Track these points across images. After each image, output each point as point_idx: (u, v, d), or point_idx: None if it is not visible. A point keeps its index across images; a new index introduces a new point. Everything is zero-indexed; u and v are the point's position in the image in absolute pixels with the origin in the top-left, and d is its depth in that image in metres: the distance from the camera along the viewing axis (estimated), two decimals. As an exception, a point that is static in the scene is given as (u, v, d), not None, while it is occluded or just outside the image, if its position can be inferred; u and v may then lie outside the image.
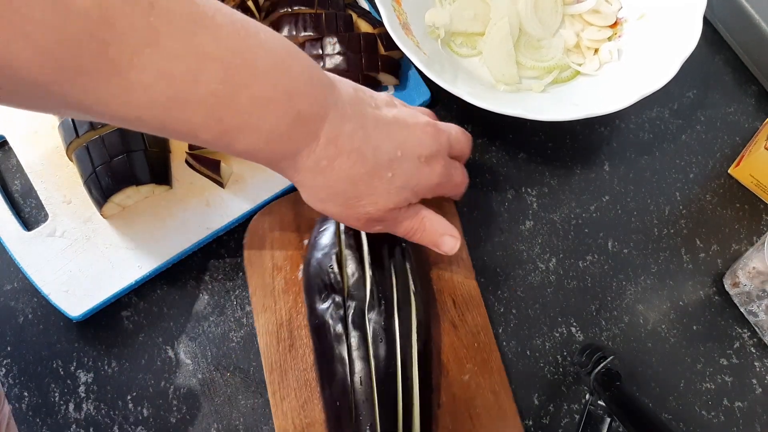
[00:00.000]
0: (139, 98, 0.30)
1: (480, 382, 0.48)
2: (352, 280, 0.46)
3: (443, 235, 0.44)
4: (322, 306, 0.45)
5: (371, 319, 0.44)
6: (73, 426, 0.48)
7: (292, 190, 0.53)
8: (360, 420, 0.42)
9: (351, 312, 0.44)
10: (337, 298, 0.45)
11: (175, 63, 0.30)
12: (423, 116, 0.44)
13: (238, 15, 0.33)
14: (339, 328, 0.44)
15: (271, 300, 0.49)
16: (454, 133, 0.46)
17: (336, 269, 0.46)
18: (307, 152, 0.36)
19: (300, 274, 0.49)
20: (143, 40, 0.29)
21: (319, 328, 0.46)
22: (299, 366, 0.47)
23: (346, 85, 0.40)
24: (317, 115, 0.36)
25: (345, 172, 0.38)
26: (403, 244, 0.48)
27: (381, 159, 0.39)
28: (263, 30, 0.34)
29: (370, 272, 0.46)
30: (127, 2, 0.28)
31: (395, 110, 0.42)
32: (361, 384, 0.43)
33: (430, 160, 0.42)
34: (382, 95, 0.43)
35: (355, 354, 0.44)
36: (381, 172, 0.39)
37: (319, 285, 0.46)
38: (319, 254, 0.47)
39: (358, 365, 0.43)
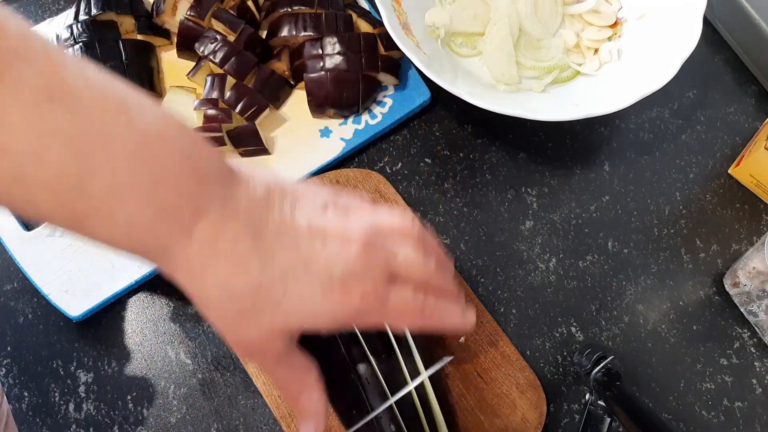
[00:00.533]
0: None
1: (476, 339, 0.49)
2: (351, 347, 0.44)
3: (307, 417, 0.37)
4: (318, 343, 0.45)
5: (373, 361, 0.44)
6: (73, 426, 0.48)
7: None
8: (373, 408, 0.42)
9: (351, 349, 0.43)
10: (348, 361, 0.43)
11: (18, 138, 0.27)
12: (361, 229, 0.35)
13: (118, 91, 0.29)
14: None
15: None
16: (403, 255, 0.37)
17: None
18: (179, 250, 0.31)
19: None
20: None
21: (318, 350, 0.45)
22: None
23: (259, 182, 0.34)
24: (190, 209, 0.31)
25: (221, 282, 0.31)
26: None
27: (272, 273, 0.32)
28: (143, 109, 0.30)
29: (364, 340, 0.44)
30: None
31: (323, 217, 0.35)
32: (369, 382, 0.43)
33: (345, 279, 0.34)
34: (325, 196, 0.36)
35: (357, 357, 0.43)
36: (269, 289, 0.32)
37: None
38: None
39: (362, 368, 0.43)
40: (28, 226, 0.52)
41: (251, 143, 0.53)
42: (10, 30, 0.27)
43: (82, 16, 0.56)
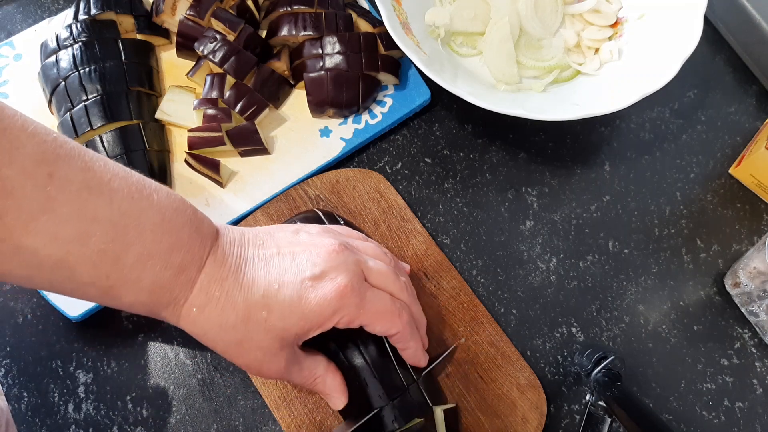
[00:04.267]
0: (30, 259, 0.32)
1: (476, 339, 0.49)
2: (347, 343, 0.44)
3: (331, 396, 0.43)
4: (320, 346, 0.45)
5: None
6: (73, 426, 0.48)
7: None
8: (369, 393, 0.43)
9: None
10: (344, 360, 0.44)
11: (67, 226, 0.32)
12: (330, 240, 0.40)
13: (135, 177, 0.35)
14: (342, 362, 0.44)
15: None
16: (374, 263, 0.42)
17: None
18: (183, 301, 0.37)
19: None
20: (40, 208, 0.31)
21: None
22: (302, 390, 0.47)
23: (235, 230, 0.40)
24: (196, 265, 0.37)
25: (215, 321, 0.37)
26: None
27: (253, 298, 0.37)
28: (156, 190, 0.36)
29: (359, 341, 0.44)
30: (26, 174, 0.31)
31: (294, 239, 0.40)
32: (363, 371, 0.43)
33: (318, 279, 0.38)
34: (298, 227, 0.42)
35: (350, 354, 0.43)
36: (255, 313, 0.37)
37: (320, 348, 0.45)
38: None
39: (358, 360, 0.43)
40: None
41: (251, 143, 0.53)
42: (47, 133, 0.32)
43: (82, 16, 0.56)
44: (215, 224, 0.39)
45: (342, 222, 0.50)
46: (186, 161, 0.53)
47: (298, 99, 0.57)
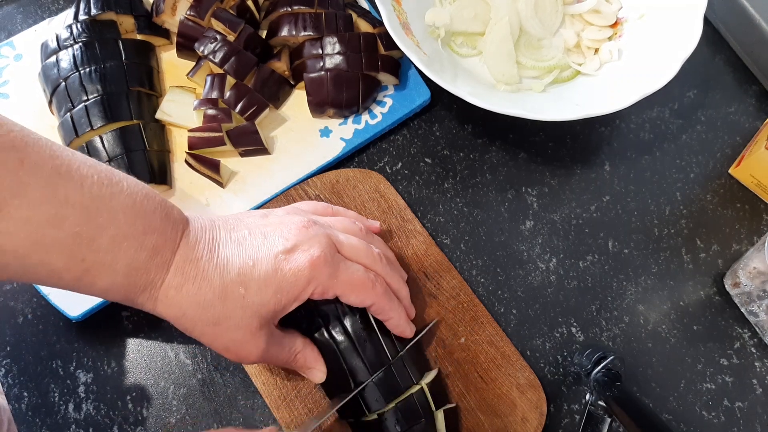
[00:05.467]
0: (4, 244, 0.33)
1: (476, 339, 0.49)
2: (329, 317, 0.45)
3: (312, 369, 0.44)
4: (302, 327, 0.45)
5: (349, 325, 0.44)
6: (73, 426, 0.48)
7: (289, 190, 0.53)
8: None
9: (330, 324, 0.44)
10: (326, 336, 0.44)
11: (39, 210, 0.33)
12: (299, 217, 0.42)
13: (104, 167, 0.37)
14: (325, 340, 0.44)
15: None
16: (345, 237, 0.43)
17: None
18: (160, 283, 0.37)
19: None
20: (11, 193, 0.32)
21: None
22: (303, 390, 0.47)
23: (203, 218, 0.41)
24: (169, 247, 0.38)
25: (193, 299, 0.38)
26: None
27: (229, 276, 0.38)
28: (125, 178, 0.37)
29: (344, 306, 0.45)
30: None
31: (264, 221, 0.42)
32: (360, 372, 0.43)
33: (291, 251, 0.39)
34: (257, 213, 0.43)
35: (347, 356, 0.44)
36: (232, 290, 0.38)
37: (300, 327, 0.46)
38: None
39: (356, 362, 0.44)
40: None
41: (251, 143, 0.53)
42: (14, 124, 0.33)
43: (82, 16, 0.56)
44: (183, 212, 0.40)
45: None
46: (186, 161, 0.53)
47: (298, 99, 0.57)
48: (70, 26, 0.55)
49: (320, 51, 0.55)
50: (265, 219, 0.42)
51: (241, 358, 0.40)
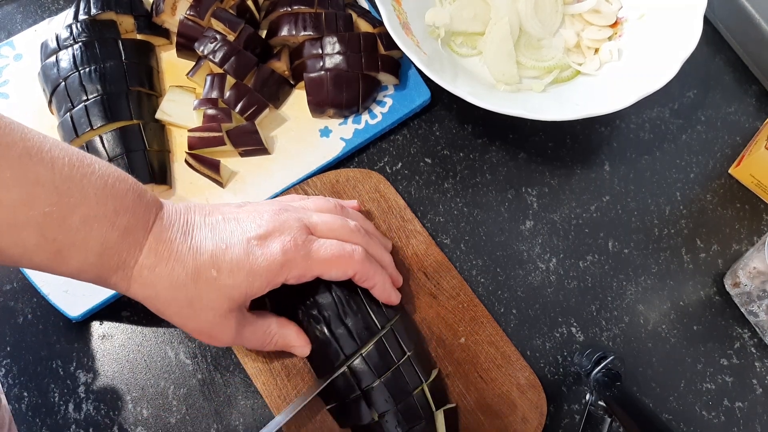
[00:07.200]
0: None
1: (476, 339, 0.49)
2: (316, 292, 0.45)
3: (295, 347, 0.44)
4: (302, 324, 0.45)
5: (349, 324, 0.44)
6: (73, 426, 0.48)
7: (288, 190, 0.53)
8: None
9: (331, 322, 0.44)
10: (314, 312, 0.45)
11: (11, 191, 0.33)
12: (271, 204, 0.43)
13: (75, 150, 0.37)
14: (325, 338, 0.44)
15: None
16: (318, 216, 0.44)
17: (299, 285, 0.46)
18: (134, 263, 0.38)
19: (267, 301, 0.48)
20: None
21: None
22: (303, 390, 0.47)
23: (177, 204, 0.42)
24: (141, 227, 0.38)
25: (166, 279, 0.38)
26: None
27: (202, 258, 0.39)
28: (97, 161, 0.37)
29: (335, 286, 0.45)
30: None
31: (238, 210, 0.42)
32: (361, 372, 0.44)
33: (264, 238, 0.40)
34: (233, 203, 0.44)
35: (348, 354, 0.44)
36: (204, 272, 0.38)
37: (288, 306, 0.46)
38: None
39: (356, 361, 0.44)
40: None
41: (251, 143, 0.53)
42: None
43: (82, 16, 0.56)
44: (153, 194, 0.41)
45: None
46: (186, 161, 0.53)
47: (298, 99, 0.57)
48: (70, 26, 0.55)
49: (320, 51, 0.55)
50: (240, 207, 0.43)
51: (214, 340, 0.41)
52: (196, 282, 0.38)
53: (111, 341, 0.50)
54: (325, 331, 0.44)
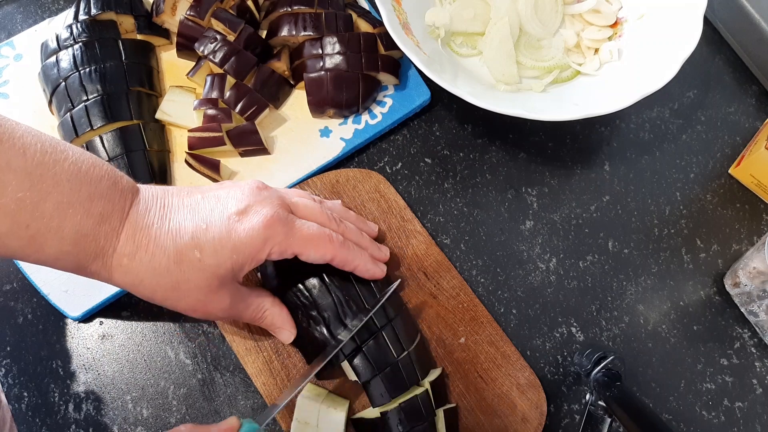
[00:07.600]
0: None
1: (476, 339, 0.49)
2: (315, 292, 0.45)
3: (281, 330, 0.45)
4: (302, 325, 0.45)
5: (348, 324, 0.44)
6: (73, 426, 0.48)
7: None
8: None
9: (331, 324, 0.44)
10: (313, 313, 0.45)
11: None
12: (251, 181, 0.43)
13: (48, 137, 0.36)
14: (325, 339, 0.44)
15: (250, 341, 0.48)
16: (298, 199, 0.44)
17: (300, 287, 0.46)
18: (112, 251, 0.37)
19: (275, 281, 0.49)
20: None
21: (306, 347, 0.46)
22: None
23: (155, 187, 0.41)
24: (118, 214, 0.37)
25: (148, 266, 0.38)
26: None
27: (182, 240, 0.38)
28: (71, 148, 0.37)
29: (327, 279, 0.45)
30: None
31: (217, 188, 0.42)
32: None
33: (244, 213, 0.40)
34: (214, 185, 0.43)
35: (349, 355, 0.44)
36: (187, 254, 0.38)
37: (289, 306, 0.46)
38: (275, 282, 0.47)
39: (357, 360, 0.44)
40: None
41: (251, 143, 0.53)
42: None
43: (82, 16, 0.56)
44: (133, 181, 0.40)
45: None
46: (186, 161, 0.53)
47: (298, 99, 0.57)
48: (70, 26, 0.55)
49: (320, 51, 0.55)
50: (220, 186, 0.43)
51: (208, 316, 0.41)
52: (180, 265, 0.38)
53: (111, 341, 0.50)
54: (321, 323, 0.45)
